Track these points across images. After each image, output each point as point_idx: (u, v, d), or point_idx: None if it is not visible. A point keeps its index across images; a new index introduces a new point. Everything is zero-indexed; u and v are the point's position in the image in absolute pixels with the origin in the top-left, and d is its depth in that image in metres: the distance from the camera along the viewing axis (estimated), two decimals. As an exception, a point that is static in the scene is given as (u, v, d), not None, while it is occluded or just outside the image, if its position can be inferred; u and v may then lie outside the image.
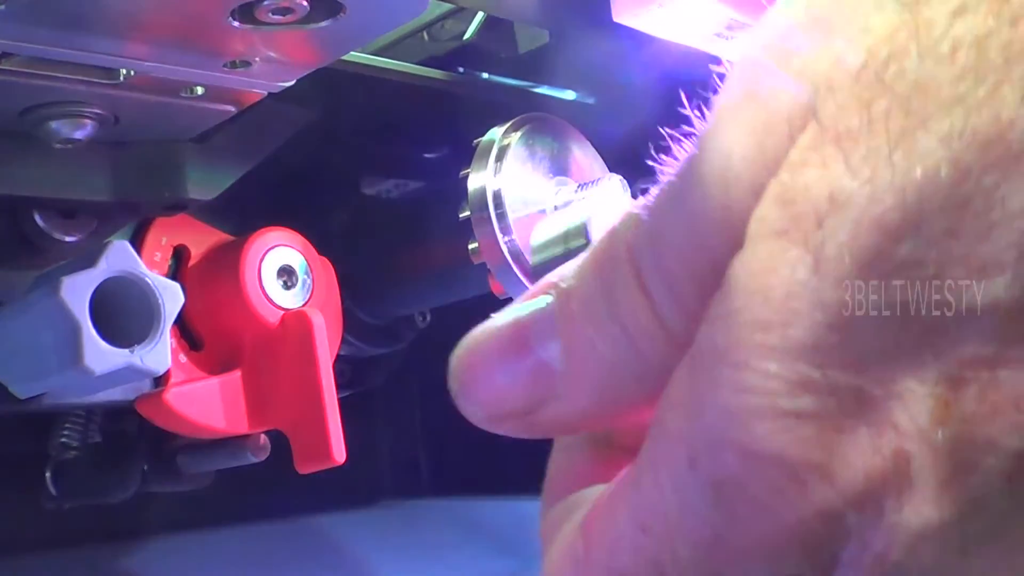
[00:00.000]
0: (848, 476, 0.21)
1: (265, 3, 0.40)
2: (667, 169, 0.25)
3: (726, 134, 0.23)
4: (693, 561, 0.23)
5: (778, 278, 0.22)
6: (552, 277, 0.27)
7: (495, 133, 0.58)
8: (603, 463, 0.30)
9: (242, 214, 0.66)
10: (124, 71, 0.45)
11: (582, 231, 0.53)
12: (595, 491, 0.27)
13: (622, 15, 0.53)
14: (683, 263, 0.24)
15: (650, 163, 0.26)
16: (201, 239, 0.63)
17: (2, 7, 0.37)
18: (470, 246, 0.58)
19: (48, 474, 0.72)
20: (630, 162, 0.63)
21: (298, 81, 0.48)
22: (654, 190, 0.25)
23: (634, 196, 0.58)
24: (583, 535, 0.26)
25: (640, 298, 0.24)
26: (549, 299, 0.26)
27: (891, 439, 0.21)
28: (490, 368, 0.28)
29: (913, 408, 0.21)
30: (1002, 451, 0.21)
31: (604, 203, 0.55)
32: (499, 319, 0.28)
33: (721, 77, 0.25)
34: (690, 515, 0.23)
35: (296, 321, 0.60)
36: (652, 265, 0.24)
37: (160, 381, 0.60)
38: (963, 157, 0.20)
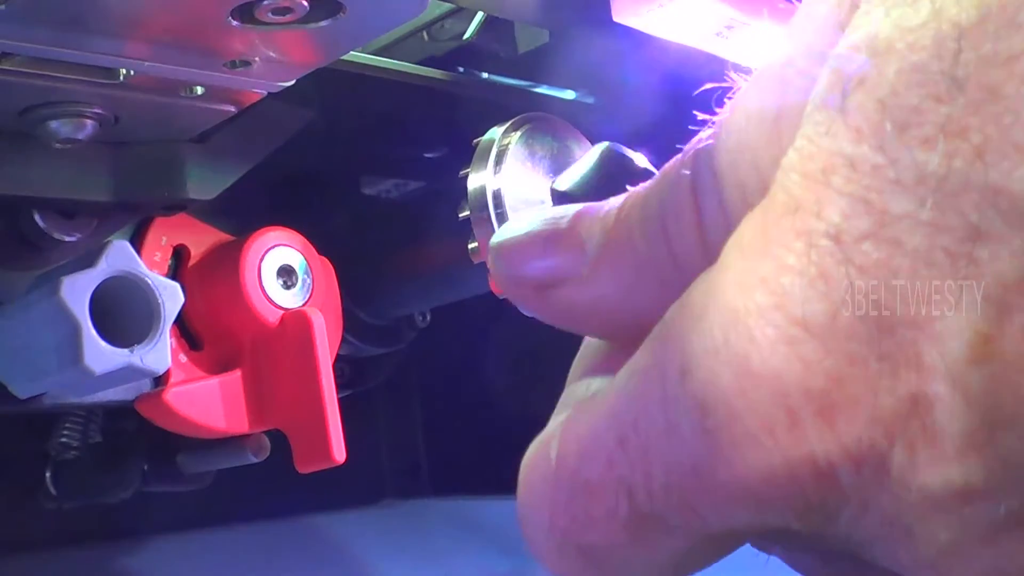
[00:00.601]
0: (850, 417, 0.18)
1: (265, 3, 0.40)
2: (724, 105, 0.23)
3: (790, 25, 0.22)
4: (665, 488, 0.21)
5: (819, 149, 0.19)
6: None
7: (495, 133, 0.58)
8: (612, 357, 0.27)
9: (242, 214, 0.66)
10: (124, 71, 0.45)
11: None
12: (595, 384, 0.25)
13: (622, 15, 0.53)
14: (736, 175, 0.22)
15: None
16: (201, 239, 0.63)
17: (2, 7, 0.37)
18: (470, 246, 0.57)
19: (48, 474, 0.72)
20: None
21: (298, 81, 0.48)
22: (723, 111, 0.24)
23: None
24: (560, 435, 0.23)
25: (689, 201, 0.23)
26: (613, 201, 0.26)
27: (911, 376, 0.18)
28: (533, 234, 0.26)
29: (945, 338, 0.18)
30: None
31: None
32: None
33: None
34: (672, 436, 0.20)
35: (296, 321, 0.60)
36: (706, 176, 0.23)
37: (160, 381, 0.60)
38: (1009, 2, 0.18)
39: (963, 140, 0.18)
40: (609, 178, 0.37)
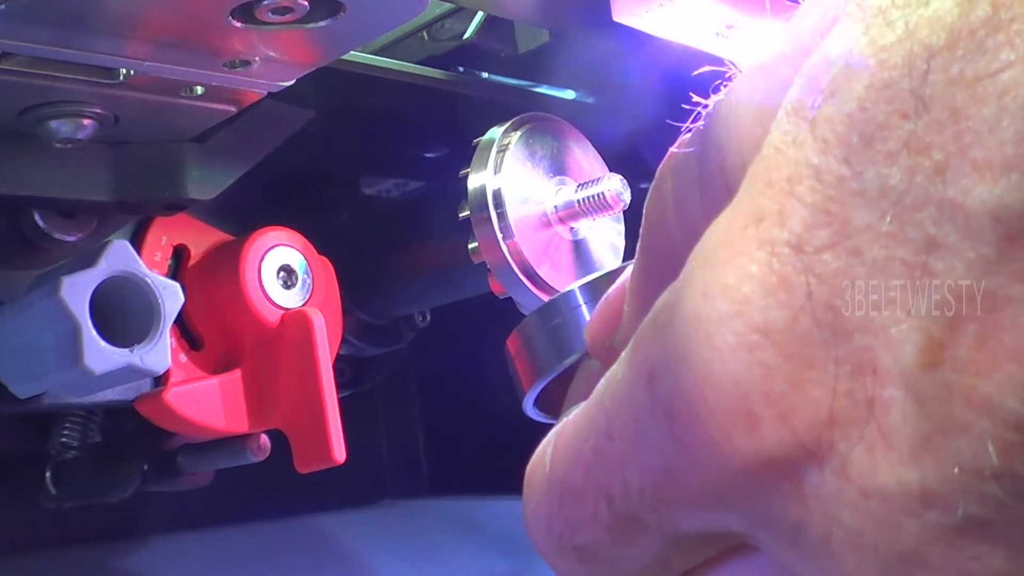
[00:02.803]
0: (808, 419, 0.19)
1: (265, 3, 0.40)
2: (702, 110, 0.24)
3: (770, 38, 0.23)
4: (640, 492, 0.22)
5: (785, 159, 0.20)
6: None
7: (495, 133, 0.58)
8: None
9: (242, 214, 0.66)
10: (124, 71, 0.45)
11: None
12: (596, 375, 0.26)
13: (622, 15, 0.53)
14: (715, 172, 0.23)
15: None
16: (201, 239, 0.63)
17: (2, 7, 0.37)
18: (470, 246, 0.58)
19: (48, 474, 0.72)
20: (630, 162, 0.63)
21: (298, 81, 0.48)
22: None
23: (634, 196, 0.58)
24: (556, 441, 0.25)
25: (673, 216, 0.24)
26: None
27: (867, 380, 0.18)
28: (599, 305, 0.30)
29: (900, 345, 0.18)
30: (999, 415, 0.17)
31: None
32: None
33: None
34: (643, 442, 0.21)
35: (296, 321, 0.60)
36: (684, 176, 0.24)
37: (160, 381, 0.60)
38: (979, 28, 0.18)
39: (925, 157, 0.18)
40: None
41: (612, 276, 0.32)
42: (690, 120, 0.24)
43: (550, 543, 0.24)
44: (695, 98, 0.25)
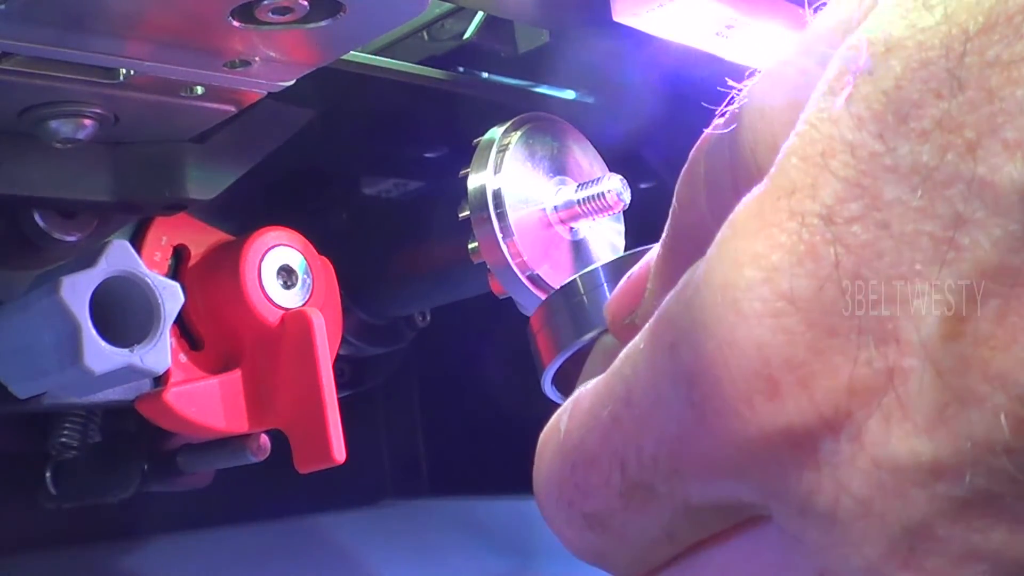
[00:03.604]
0: (828, 387, 0.19)
1: (265, 3, 0.40)
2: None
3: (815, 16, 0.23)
4: (654, 459, 0.22)
5: (820, 134, 0.20)
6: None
7: (495, 133, 0.58)
8: None
9: (242, 214, 0.66)
10: (124, 71, 0.45)
11: None
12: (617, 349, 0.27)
13: (622, 15, 0.53)
14: (745, 156, 0.23)
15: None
16: (201, 239, 0.64)
17: (2, 7, 0.37)
18: (470, 246, 0.58)
19: (48, 474, 0.72)
20: (630, 162, 0.63)
21: (298, 81, 0.48)
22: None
23: (634, 196, 0.58)
24: (572, 408, 0.25)
25: (702, 193, 0.25)
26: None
27: (888, 350, 0.19)
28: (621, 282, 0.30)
29: (922, 316, 0.19)
30: (1014, 389, 0.18)
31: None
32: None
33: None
34: (661, 409, 0.21)
35: (296, 321, 0.60)
36: (716, 158, 0.24)
37: (160, 381, 0.60)
38: (1017, 14, 0.19)
39: (957, 135, 0.19)
40: None
41: (635, 256, 0.32)
42: (725, 103, 0.25)
43: (560, 510, 0.25)
44: (729, 82, 0.25)
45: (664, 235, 0.28)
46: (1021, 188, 0.18)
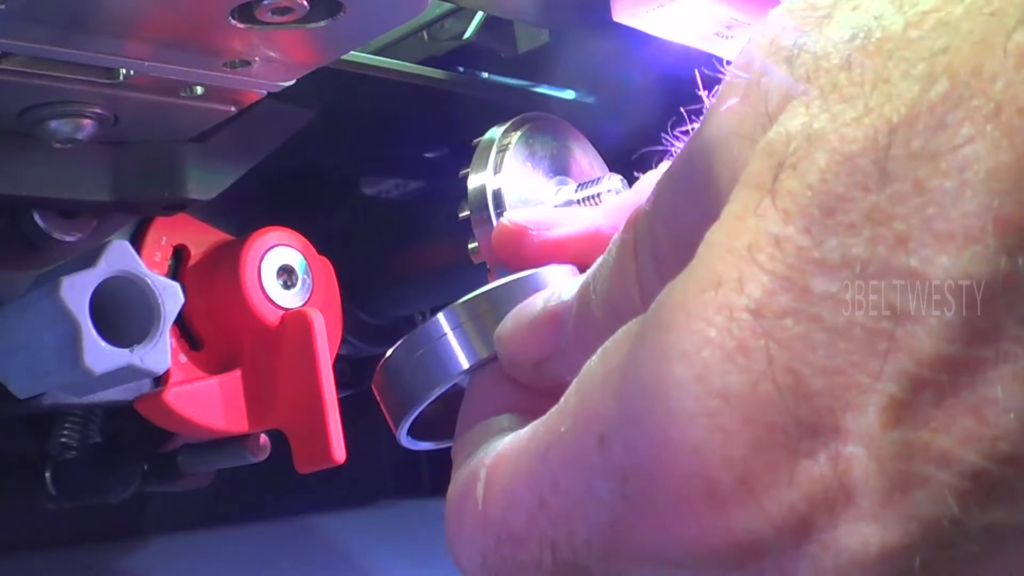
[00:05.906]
0: (770, 484, 0.19)
1: (265, 3, 0.40)
2: (675, 150, 0.25)
3: (720, 108, 0.23)
4: (587, 544, 0.22)
5: (745, 227, 0.20)
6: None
7: (495, 132, 0.58)
8: (524, 395, 0.30)
9: (242, 214, 0.66)
10: (124, 71, 0.45)
11: None
12: (505, 421, 0.28)
13: (622, 15, 0.53)
14: (670, 233, 0.24)
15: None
16: (201, 239, 0.63)
17: (2, 7, 0.37)
18: (470, 246, 0.57)
19: (48, 474, 0.72)
20: (630, 162, 0.63)
21: (298, 81, 0.48)
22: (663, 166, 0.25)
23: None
24: (486, 483, 0.25)
25: (631, 264, 0.25)
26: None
27: (828, 440, 0.19)
28: (524, 326, 0.31)
29: (861, 406, 0.19)
30: (956, 466, 0.18)
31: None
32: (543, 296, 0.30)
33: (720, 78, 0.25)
34: (591, 499, 0.21)
35: (296, 321, 0.60)
36: (646, 235, 0.25)
37: (160, 381, 0.60)
38: (939, 104, 0.19)
39: (887, 228, 0.19)
40: None
41: (473, 301, 0.34)
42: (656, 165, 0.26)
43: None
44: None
45: (587, 277, 0.28)
46: (955, 279, 0.18)
